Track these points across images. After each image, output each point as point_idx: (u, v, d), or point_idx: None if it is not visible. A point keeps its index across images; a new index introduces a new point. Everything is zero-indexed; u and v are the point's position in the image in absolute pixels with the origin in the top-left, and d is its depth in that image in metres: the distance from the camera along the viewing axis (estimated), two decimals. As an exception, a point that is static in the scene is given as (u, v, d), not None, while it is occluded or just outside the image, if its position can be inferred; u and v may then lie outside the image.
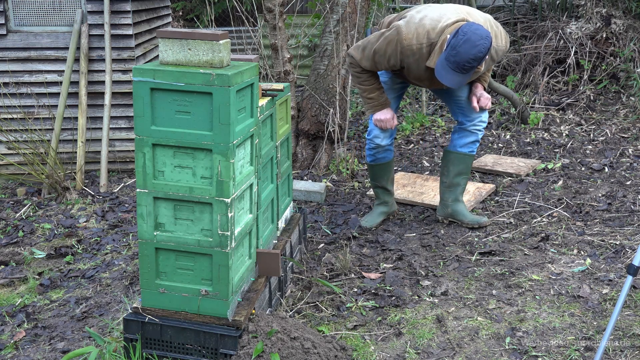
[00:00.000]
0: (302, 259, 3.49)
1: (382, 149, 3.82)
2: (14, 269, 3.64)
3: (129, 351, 2.53)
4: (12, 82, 4.99)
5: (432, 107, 6.93)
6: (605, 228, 3.83)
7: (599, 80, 6.62)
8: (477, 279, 3.29)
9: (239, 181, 2.47)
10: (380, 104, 3.64)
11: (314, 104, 5.01)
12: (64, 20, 4.99)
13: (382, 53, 3.42)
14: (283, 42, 4.77)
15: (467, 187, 4.41)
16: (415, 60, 3.40)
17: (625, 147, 5.35)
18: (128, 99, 5.06)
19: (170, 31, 2.41)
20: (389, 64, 3.46)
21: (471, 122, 3.75)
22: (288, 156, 3.38)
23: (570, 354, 2.65)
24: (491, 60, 3.51)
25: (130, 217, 4.30)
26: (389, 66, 3.48)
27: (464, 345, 2.74)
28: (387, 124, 3.67)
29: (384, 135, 3.77)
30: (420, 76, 3.51)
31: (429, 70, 3.43)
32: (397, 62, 3.43)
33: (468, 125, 3.76)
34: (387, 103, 3.65)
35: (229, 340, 2.45)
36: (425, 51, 3.35)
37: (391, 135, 3.80)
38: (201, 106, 2.34)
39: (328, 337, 2.73)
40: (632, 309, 2.95)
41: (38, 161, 4.70)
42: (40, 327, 3.02)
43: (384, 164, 3.91)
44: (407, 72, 3.52)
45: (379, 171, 3.94)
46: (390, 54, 3.40)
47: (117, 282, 3.42)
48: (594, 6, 6.75)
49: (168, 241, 2.47)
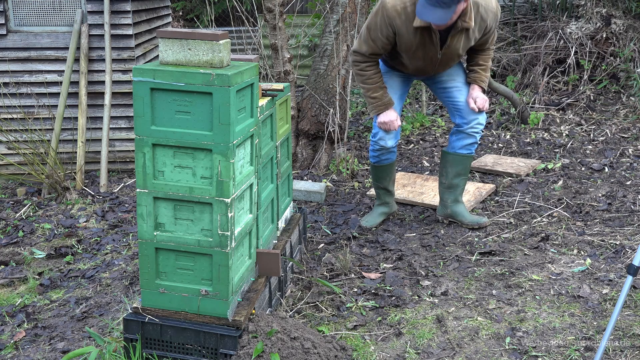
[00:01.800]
0: (302, 259, 3.49)
1: (387, 150, 3.81)
2: (14, 269, 3.64)
3: (129, 351, 2.53)
4: (12, 82, 4.99)
5: (432, 107, 6.93)
6: (605, 228, 3.83)
7: (599, 80, 6.62)
8: (477, 279, 3.29)
9: (239, 181, 2.48)
10: (384, 103, 3.64)
11: (314, 104, 5.01)
12: (64, 20, 4.99)
13: (374, 27, 3.46)
14: (283, 42, 4.77)
15: (467, 187, 4.41)
16: (403, 22, 3.40)
17: (625, 147, 5.35)
18: (128, 99, 5.07)
19: (170, 31, 2.41)
20: (385, 37, 3.47)
21: (468, 125, 3.74)
22: (288, 156, 3.38)
23: (570, 354, 2.65)
24: (482, 21, 3.49)
25: (130, 217, 4.30)
26: (386, 40, 3.49)
27: (464, 345, 2.74)
28: (391, 126, 3.67)
29: (389, 137, 3.75)
30: (411, 43, 3.47)
31: (418, 34, 3.43)
32: (389, 32, 3.45)
33: (465, 128, 3.75)
34: (390, 103, 3.65)
35: (229, 340, 2.45)
36: (410, 10, 3.37)
37: (396, 136, 3.78)
38: (201, 106, 2.35)
39: (328, 337, 2.73)
40: (632, 309, 2.95)
41: (38, 161, 4.70)
42: (40, 327, 3.03)
43: (387, 165, 3.91)
44: (399, 43, 3.50)
45: (381, 172, 3.94)
46: (381, 24, 3.43)
47: (117, 282, 3.42)
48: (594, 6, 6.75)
49: (168, 241, 2.47)
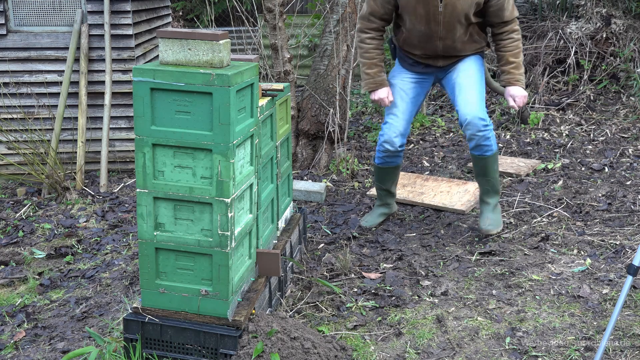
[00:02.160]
0: (302, 259, 3.49)
1: (392, 153, 3.80)
2: (14, 269, 3.64)
3: (129, 351, 2.53)
4: (12, 82, 4.99)
5: (432, 107, 6.93)
6: (605, 228, 3.83)
7: (599, 80, 6.62)
8: (477, 279, 3.29)
9: (239, 181, 2.48)
10: (376, 82, 3.64)
11: (314, 104, 5.01)
12: (64, 20, 4.99)
13: None
14: (283, 42, 4.77)
15: (467, 187, 4.42)
16: None
17: (625, 147, 5.35)
18: (128, 99, 5.07)
19: (170, 31, 2.41)
20: None
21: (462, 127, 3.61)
22: (288, 156, 3.38)
23: (570, 354, 2.65)
24: None
25: (130, 217, 4.30)
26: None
27: (464, 345, 2.74)
28: (382, 103, 3.69)
29: (395, 135, 3.72)
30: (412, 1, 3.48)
31: None
32: None
33: (463, 129, 3.63)
34: (383, 83, 3.66)
35: (229, 340, 2.45)
36: None
37: (402, 135, 3.74)
38: (201, 106, 2.35)
39: (328, 337, 2.73)
40: (632, 309, 2.95)
41: (38, 161, 4.70)
42: (40, 327, 3.03)
43: (391, 168, 3.89)
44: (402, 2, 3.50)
45: (385, 175, 3.92)
46: None
47: (117, 282, 3.42)
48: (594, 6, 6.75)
49: (168, 241, 2.47)
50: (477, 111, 3.54)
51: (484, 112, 3.59)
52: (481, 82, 3.66)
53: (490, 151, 3.63)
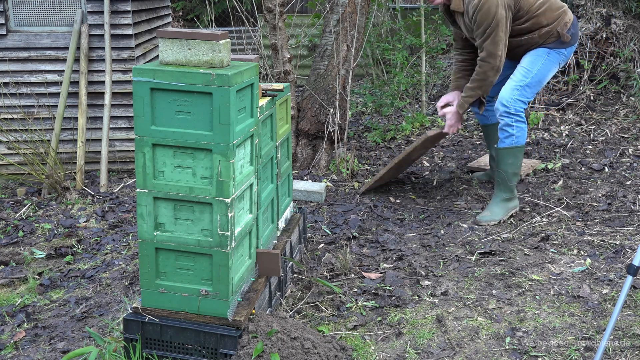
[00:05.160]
0: (302, 259, 3.49)
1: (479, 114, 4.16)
2: (14, 269, 3.64)
3: (129, 351, 2.53)
4: (12, 82, 4.99)
5: (432, 107, 6.93)
6: (605, 228, 3.83)
7: (599, 80, 6.62)
8: (477, 279, 3.29)
9: (239, 181, 2.48)
10: None
11: (314, 104, 5.01)
12: (64, 20, 4.99)
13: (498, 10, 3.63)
14: (283, 42, 4.77)
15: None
16: None
17: (625, 147, 5.35)
18: (128, 99, 5.07)
19: (170, 31, 2.41)
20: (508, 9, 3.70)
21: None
22: (288, 156, 3.38)
23: (570, 354, 2.65)
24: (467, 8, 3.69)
25: (130, 217, 4.30)
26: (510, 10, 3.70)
27: (464, 345, 2.74)
28: None
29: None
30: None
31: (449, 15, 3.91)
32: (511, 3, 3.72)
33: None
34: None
35: (229, 340, 2.45)
36: None
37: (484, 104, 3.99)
38: (201, 106, 2.35)
39: (328, 337, 2.73)
40: (632, 309, 2.95)
41: (38, 161, 4.71)
42: (40, 327, 3.03)
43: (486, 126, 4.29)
44: None
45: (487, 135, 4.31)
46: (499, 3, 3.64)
47: (117, 282, 3.42)
48: (594, 6, 6.75)
49: (168, 241, 2.47)
50: (502, 96, 3.78)
51: (512, 100, 3.76)
52: (527, 72, 3.81)
53: (502, 143, 3.76)
